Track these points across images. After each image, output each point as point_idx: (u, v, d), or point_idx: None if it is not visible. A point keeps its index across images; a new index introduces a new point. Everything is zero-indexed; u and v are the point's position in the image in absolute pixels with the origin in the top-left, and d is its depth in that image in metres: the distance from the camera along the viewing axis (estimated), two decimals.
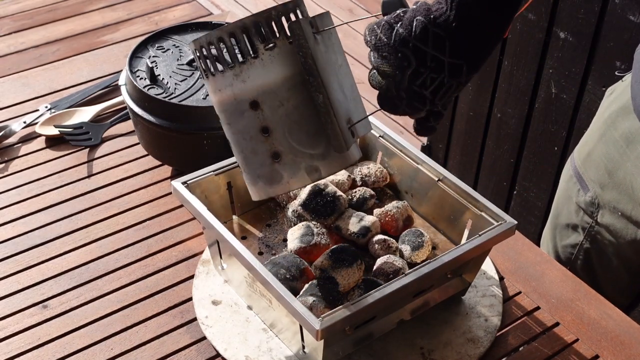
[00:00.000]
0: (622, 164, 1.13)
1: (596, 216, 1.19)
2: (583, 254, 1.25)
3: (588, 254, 1.24)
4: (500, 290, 1.11)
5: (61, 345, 1.03)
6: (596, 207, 1.19)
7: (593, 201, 1.19)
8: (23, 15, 1.75)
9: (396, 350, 1.02)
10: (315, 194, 1.06)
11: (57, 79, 1.52)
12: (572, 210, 1.24)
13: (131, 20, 1.73)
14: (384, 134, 1.17)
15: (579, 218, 1.23)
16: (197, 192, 1.06)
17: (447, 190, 1.09)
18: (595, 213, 1.19)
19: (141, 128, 1.26)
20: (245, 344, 1.02)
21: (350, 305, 0.90)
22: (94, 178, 1.30)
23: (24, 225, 1.21)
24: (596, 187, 1.18)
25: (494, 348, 1.04)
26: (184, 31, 1.36)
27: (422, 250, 1.05)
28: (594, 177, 1.18)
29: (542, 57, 1.88)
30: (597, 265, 1.24)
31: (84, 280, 1.12)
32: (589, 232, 1.22)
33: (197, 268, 1.13)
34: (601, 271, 1.24)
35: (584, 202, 1.21)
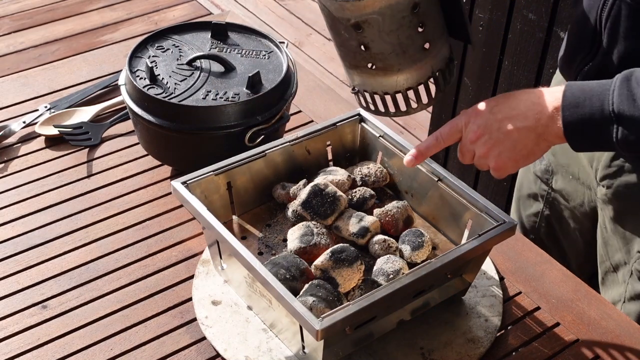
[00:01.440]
0: None
1: (551, 182, 1.27)
2: (545, 221, 1.32)
3: (549, 221, 1.31)
4: (500, 291, 1.11)
5: (61, 345, 1.03)
6: (550, 173, 1.27)
7: (547, 168, 1.27)
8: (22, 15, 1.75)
9: (396, 350, 1.02)
10: (315, 194, 1.06)
11: (56, 78, 1.52)
12: (531, 180, 1.32)
13: (131, 20, 1.73)
14: (384, 134, 1.17)
15: (537, 186, 1.31)
16: (197, 192, 1.06)
17: (447, 190, 1.09)
18: (550, 180, 1.28)
19: (141, 128, 1.26)
20: (245, 344, 1.02)
21: (350, 305, 0.89)
22: (93, 178, 1.30)
23: (23, 226, 1.21)
24: (549, 155, 1.26)
25: (494, 348, 1.04)
26: (183, 31, 1.36)
27: (422, 250, 1.05)
28: None
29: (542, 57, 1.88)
30: (559, 232, 1.31)
31: (83, 280, 1.12)
32: (547, 199, 1.30)
33: (197, 268, 1.13)
34: (562, 237, 1.31)
35: (540, 171, 1.29)
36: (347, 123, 1.20)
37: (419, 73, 0.97)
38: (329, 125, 1.19)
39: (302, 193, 1.07)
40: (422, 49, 0.95)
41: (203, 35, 1.35)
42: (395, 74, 0.96)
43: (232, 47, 1.32)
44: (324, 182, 1.07)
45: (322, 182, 1.07)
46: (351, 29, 0.93)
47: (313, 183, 1.07)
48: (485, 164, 0.98)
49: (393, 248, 1.05)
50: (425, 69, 0.96)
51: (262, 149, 1.13)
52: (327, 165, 1.19)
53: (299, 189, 1.10)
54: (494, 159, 0.96)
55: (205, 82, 1.25)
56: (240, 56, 1.30)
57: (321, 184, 1.07)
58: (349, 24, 0.92)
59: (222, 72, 1.27)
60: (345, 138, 1.21)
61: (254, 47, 1.33)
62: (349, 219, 1.06)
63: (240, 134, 1.20)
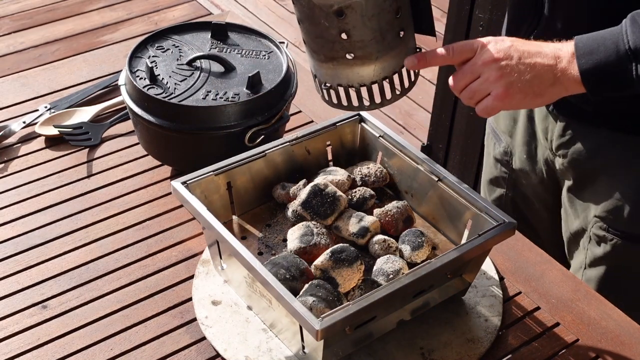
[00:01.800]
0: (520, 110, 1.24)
1: (511, 164, 1.31)
2: (511, 204, 1.35)
3: (515, 203, 1.34)
4: (500, 291, 1.11)
5: (61, 345, 1.03)
6: (509, 155, 1.30)
7: (506, 150, 1.31)
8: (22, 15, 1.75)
9: (396, 350, 1.02)
10: (315, 193, 1.06)
11: (56, 79, 1.52)
12: (491, 165, 1.35)
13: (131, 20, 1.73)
14: (384, 134, 1.17)
15: (498, 170, 1.34)
16: (197, 192, 1.06)
17: (447, 190, 1.09)
18: (509, 161, 1.31)
19: (141, 128, 1.26)
20: (245, 344, 1.02)
21: (350, 305, 0.89)
22: (93, 178, 1.30)
23: (23, 226, 1.21)
24: (506, 137, 1.30)
25: (494, 348, 1.04)
26: (183, 31, 1.36)
27: (422, 250, 1.05)
28: (504, 128, 1.30)
29: None
30: (525, 211, 1.34)
31: (83, 280, 1.12)
32: (509, 182, 1.33)
33: (197, 268, 1.13)
34: (530, 216, 1.34)
35: (499, 154, 1.32)
36: (347, 123, 1.20)
37: (395, 61, 0.98)
38: (329, 125, 1.19)
39: (302, 193, 1.07)
40: (398, 35, 0.96)
41: (203, 35, 1.35)
42: (374, 62, 0.96)
43: (232, 47, 1.32)
44: (324, 182, 1.07)
45: (322, 182, 1.07)
46: (333, 17, 0.93)
47: (313, 183, 1.07)
48: (485, 92, 0.94)
49: (393, 248, 1.05)
50: (400, 57, 0.98)
51: (262, 149, 1.13)
52: (327, 165, 1.19)
53: (299, 189, 1.10)
54: (503, 87, 0.93)
55: (205, 82, 1.25)
56: (240, 56, 1.31)
57: (321, 184, 1.07)
58: (332, 10, 0.92)
59: (222, 72, 1.27)
60: (345, 138, 1.21)
61: (254, 47, 1.33)
62: (349, 219, 1.06)
63: (240, 134, 1.20)
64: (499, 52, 0.94)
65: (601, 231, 1.17)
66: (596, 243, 1.19)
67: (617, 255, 1.17)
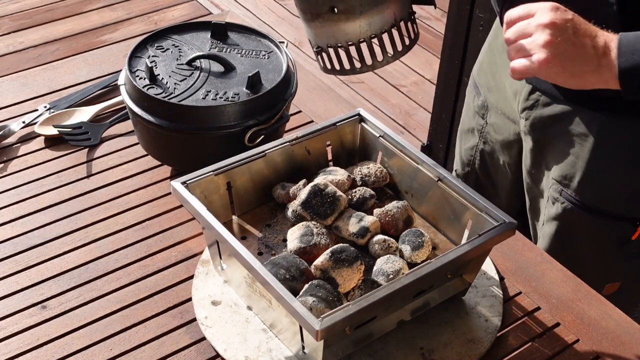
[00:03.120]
0: (499, 68, 1.31)
1: (486, 117, 1.37)
2: (479, 154, 1.42)
3: (483, 154, 1.41)
4: (500, 291, 1.11)
5: (60, 345, 1.03)
6: (486, 109, 1.37)
7: (484, 104, 1.37)
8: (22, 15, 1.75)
9: (396, 350, 1.02)
10: (315, 194, 1.06)
11: (56, 78, 1.52)
12: (470, 116, 1.42)
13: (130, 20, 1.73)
14: (384, 134, 1.17)
15: (475, 121, 1.40)
16: (197, 192, 1.06)
17: (447, 190, 1.08)
18: (485, 114, 1.37)
19: (140, 128, 1.26)
20: (245, 344, 1.02)
21: (350, 305, 0.89)
22: (93, 178, 1.30)
23: (23, 226, 1.21)
24: (485, 91, 1.36)
25: (494, 348, 1.04)
26: (183, 31, 1.36)
27: (422, 250, 1.05)
28: (484, 83, 1.36)
29: None
30: (489, 165, 1.41)
31: (83, 280, 1.12)
32: (482, 133, 1.39)
33: (196, 268, 1.12)
34: (493, 170, 1.41)
35: (477, 106, 1.39)
36: (347, 123, 1.19)
37: (381, 18, 0.97)
38: (329, 125, 1.19)
39: (302, 193, 1.07)
40: None
41: (203, 35, 1.35)
42: (358, 17, 0.96)
43: (232, 47, 1.32)
44: (324, 182, 1.07)
45: (322, 182, 1.07)
46: None
47: (313, 183, 1.07)
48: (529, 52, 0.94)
49: (393, 248, 1.05)
50: (388, 14, 0.97)
51: (262, 149, 1.13)
52: (327, 165, 1.19)
53: (298, 189, 1.10)
54: (547, 54, 0.93)
55: (205, 82, 1.25)
56: (240, 56, 1.30)
57: (321, 184, 1.07)
58: None
59: (222, 72, 1.27)
60: (345, 138, 1.21)
61: (253, 47, 1.33)
62: (349, 219, 1.06)
63: (240, 134, 1.20)
64: (557, 19, 0.93)
65: (556, 193, 1.24)
66: (552, 203, 1.26)
67: (566, 217, 1.24)
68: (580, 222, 1.23)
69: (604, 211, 1.20)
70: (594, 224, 1.22)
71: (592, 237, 1.24)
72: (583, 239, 1.25)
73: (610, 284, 1.27)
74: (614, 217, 1.20)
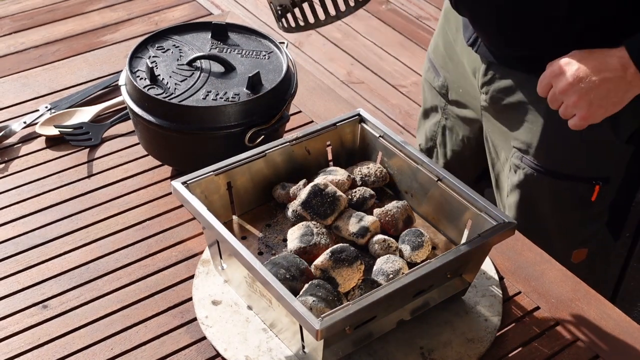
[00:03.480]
0: (455, 49, 1.36)
1: (448, 95, 1.43)
2: (441, 130, 1.48)
3: (444, 130, 1.48)
4: (500, 290, 1.11)
5: (61, 345, 1.03)
6: (446, 88, 1.42)
7: (444, 84, 1.42)
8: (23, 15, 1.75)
9: (396, 350, 1.02)
10: (315, 194, 1.06)
11: (57, 79, 1.52)
12: (433, 94, 1.47)
13: (131, 21, 1.73)
14: (384, 134, 1.17)
15: (438, 99, 1.46)
16: (197, 192, 1.06)
17: (447, 190, 1.09)
18: (446, 94, 1.43)
19: (141, 128, 1.26)
20: (245, 344, 1.02)
21: (350, 305, 0.90)
22: (94, 178, 1.30)
23: (24, 226, 1.21)
24: (444, 72, 1.42)
25: (493, 348, 1.04)
26: (184, 31, 1.36)
27: (422, 250, 1.05)
28: (442, 64, 1.42)
29: None
30: (448, 139, 1.47)
31: (84, 280, 1.12)
32: (444, 111, 1.45)
33: (197, 268, 1.13)
34: (452, 144, 1.47)
35: (438, 86, 1.44)
36: (347, 123, 1.20)
37: None
38: (329, 125, 1.19)
39: (302, 193, 1.07)
40: None
41: (203, 35, 1.35)
42: None
43: (232, 48, 1.33)
44: (324, 182, 1.08)
45: (322, 182, 1.07)
46: None
47: (313, 183, 1.07)
48: (571, 114, 1.09)
49: (393, 248, 1.05)
50: None
51: (262, 149, 1.13)
52: (327, 165, 1.19)
53: (299, 189, 1.11)
54: (585, 107, 1.07)
55: (205, 82, 1.25)
56: (240, 56, 1.31)
57: (321, 184, 1.07)
58: None
59: (222, 72, 1.27)
60: (345, 138, 1.21)
61: (254, 47, 1.33)
62: (349, 219, 1.07)
63: (240, 134, 1.21)
64: (570, 76, 1.07)
65: (517, 160, 1.29)
66: (514, 172, 1.31)
67: (529, 184, 1.29)
68: (542, 187, 1.29)
69: (562, 173, 1.26)
70: (554, 187, 1.28)
71: (554, 201, 1.30)
72: (546, 204, 1.30)
73: (578, 251, 1.33)
74: (573, 179, 1.26)
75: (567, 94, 1.07)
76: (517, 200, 1.32)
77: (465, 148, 1.45)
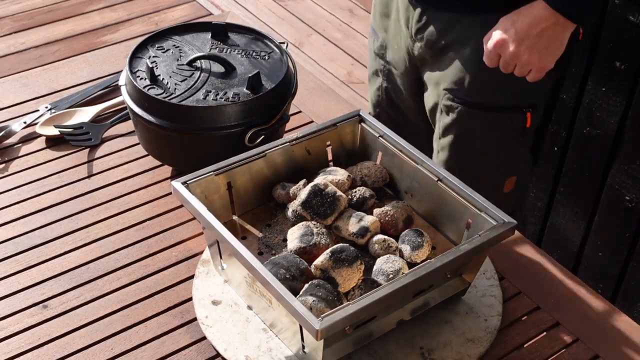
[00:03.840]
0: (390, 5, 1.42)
1: (385, 56, 1.47)
2: (385, 93, 1.52)
3: (388, 92, 1.51)
4: (500, 290, 1.11)
5: (61, 345, 1.03)
6: (385, 48, 1.47)
7: (382, 44, 1.47)
8: (23, 15, 1.75)
9: (396, 350, 1.02)
10: (315, 194, 1.06)
11: (57, 79, 1.52)
12: (373, 58, 1.52)
13: (131, 21, 1.73)
14: (384, 134, 1.17)
15: (377, 63, 1.51)
16: (197, 192, 1.06)
17: (447, 190, 1.09)
18: (385, 54, 1.47)
19: (141, 128, 1.26)
20: (245, 344, 1.02)
21: (350, 305, 0.90)
22: (94, 178, 1.30)
23: (24, 226, 1.21)
24: (382, 33, 1.46)
25: (493, 348, 1.04)
26: (184, 31, 1.36)
27: (422, 250, 1.05)
28: (380, 25, 1.47)
29: None
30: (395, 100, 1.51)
31: (84, 280, 1.12)
32: (384, 72, 1.49)
33: (197, 268, 1.13)
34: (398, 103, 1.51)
35: (377, 48, 1.49)
36: (347, 123, 1.20)
37: None
38: (329, 125, 1.19)
39: (302, 193, 1.07)
40: None
41: (203, 35, 1.35)
42: None
43: (232, 48, 1.33)
44: (324, 182, 1.08)
45: (322, 182, 1.07)
46: None
47: (313, 183, 1.07)
48: (528, 69, 1.19)
49: (393, 248, 1.05)
50: None
51: (262, 149, 1.13)
52: (327, 165, 1.19)
53: (299, 189, 1.11)
54: (537, 61, 1.18)
55: (205, 82, 1.25)
56: (240, 56, 1.31)
57: (321, 184, 1.07)
58: None
59: (222, 72, 1.27)
60: (345, 138, 1.21)
61: (254, 47, 1.33)
62: (349, 219, 1.07)
63: (240, 134, 1.21)
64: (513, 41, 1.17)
65: (448, 101, 1.35)
66: (446, 113, 1.37)
67: (462, 122, 1.36)
68: (476, 123, 1.35)
69: (494, 105, 1.33)
70: (488, 120, 1.35)
71: (489, 134, 1.36)
72: (480, 139, 1.37)
73: (508, 180, 1.40)
74: (504, 109, 1.34)
75: (517, 56, 1.17)
76: (451, 141, 1.38)
77: (410, 106, 1.50)
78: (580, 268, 1.91)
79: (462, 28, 1.29)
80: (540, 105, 1.35)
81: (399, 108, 1.52)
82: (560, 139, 1.88)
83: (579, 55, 1.77)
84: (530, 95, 1.33)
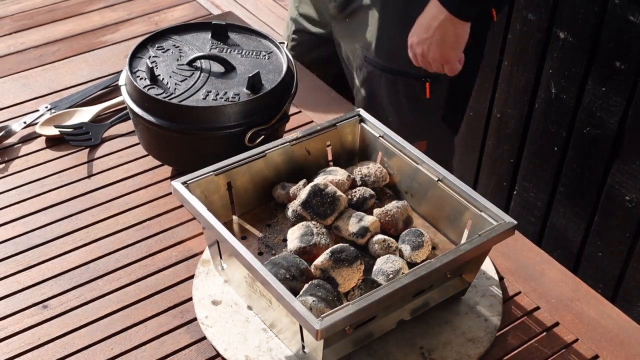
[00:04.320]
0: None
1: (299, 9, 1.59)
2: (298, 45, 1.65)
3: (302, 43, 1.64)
4: (500, 290, 1.11)
5: (61, 345, 1.03)
6: (299, 2, 1.58)
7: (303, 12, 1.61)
8: (23, 15, 1.75)
9: (396, 350, 1.02)
10: (315, 194, 1.06)
11: (57, 79, 1.52)
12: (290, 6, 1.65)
13: (131, 21, 1.73)
14: (384, 134, 1.17)
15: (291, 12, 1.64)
16: (197, 192, 1.06)
17: (447, 190, 1.09)
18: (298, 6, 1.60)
19: (141, 128, 1.26)
20: (245, 344, 1.02)
21: (350, 305, 0.90)
22: (94, 178, 1.30)
23: (24, 226, 1.21)
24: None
25: (493, 348, 1.04)
26: (183, 31, 1.36)
27: (422, 250, 1.05)
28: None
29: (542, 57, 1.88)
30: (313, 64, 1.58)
31: (84, 280, 1.12)
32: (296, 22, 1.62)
33: (197, 268, 1.13)
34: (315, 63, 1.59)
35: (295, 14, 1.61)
36: (347, 123, 1.20)
37: None
38: (329, 125, 1.19)
39: (302, 193, 1.07)
40: None
41: (203, 35, 1.35)
42: None
43: (232, 48, 1.33)
44: (324, 182, 1.08)
45: (322, 182, 1.07)
46: None
47: (313, 183, 1.07)
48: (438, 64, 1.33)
49: (393, 248, 1.05)
50: None
51: (262, 149, 1.13)
52: (327, 165, 1.19)
53: (299, 189, 1.11)
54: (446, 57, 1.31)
55: (205, 82, 1.25)
56: (240, 56, 1.31)
57: (321, 184, 1.07)
58: None
59: (222, 72, 1.27)
60: (345, 138, 1.21)
61: (254, 47, 1.33)
62: (349, 219, 1.07)
63: (240, 134, 1.21)
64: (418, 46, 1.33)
65: (360, 61, 1.48)
66: (360, 71, 1.50)
67: (371, 80, 1.49)
68: (381, 84, 1.48)
69: (397, 70, 1.45)
70: (391, 83, 1.46)
71: (392, 96, 1.48)
72: (385, 99, 1.49)
73: (417, 143, 1.42)
74: (406, 75, 1.45)
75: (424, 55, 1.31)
76: (364, 96, 1.53)
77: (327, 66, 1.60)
78: (580, 268, 1.91)
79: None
80: (444, 78, 1.43)
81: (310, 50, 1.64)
82: (560, 139, 1.88)
83: (579, 55, 1.77)
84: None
